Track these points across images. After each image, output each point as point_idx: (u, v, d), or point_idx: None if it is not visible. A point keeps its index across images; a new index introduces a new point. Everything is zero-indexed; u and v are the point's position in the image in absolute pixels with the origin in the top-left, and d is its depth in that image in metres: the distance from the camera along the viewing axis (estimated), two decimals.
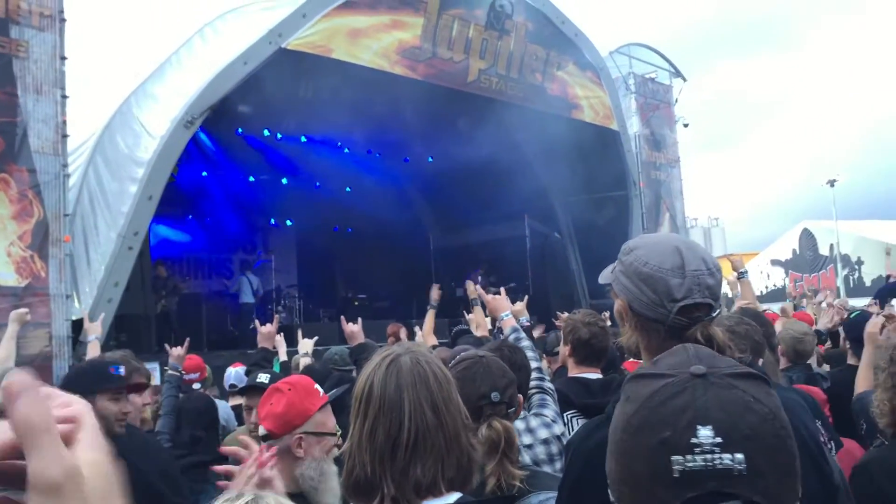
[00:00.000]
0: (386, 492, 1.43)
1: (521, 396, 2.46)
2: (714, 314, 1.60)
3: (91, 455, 0.74)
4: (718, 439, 0.85)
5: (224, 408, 5.03)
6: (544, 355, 5.11)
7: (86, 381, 3.02)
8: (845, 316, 5.79)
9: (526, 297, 5.53)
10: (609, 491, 0.97)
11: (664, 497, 0.86)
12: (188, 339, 5.41)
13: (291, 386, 2.39)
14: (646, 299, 1.60)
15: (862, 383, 3.85)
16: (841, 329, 5.53)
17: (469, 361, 2.22)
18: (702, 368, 0.92)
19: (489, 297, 4.22)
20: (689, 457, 0.85)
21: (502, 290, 4.39)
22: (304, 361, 5.25)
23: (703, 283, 1.58)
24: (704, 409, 0.88)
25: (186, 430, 4.17)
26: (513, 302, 5.31)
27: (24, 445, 0.71)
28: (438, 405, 1.48)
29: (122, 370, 3.09)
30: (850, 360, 4.71)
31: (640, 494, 0.88)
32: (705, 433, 0.86)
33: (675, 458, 0.85)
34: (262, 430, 2.37)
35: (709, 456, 0.85)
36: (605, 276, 1.81)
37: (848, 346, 4.99)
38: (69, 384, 3.08)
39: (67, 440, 0.74)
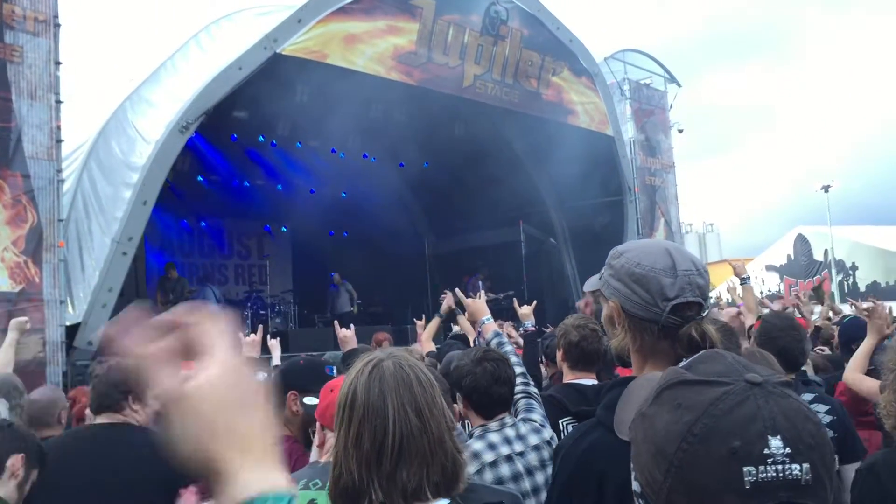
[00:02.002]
0: (374, 497, 1.43)
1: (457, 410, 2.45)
2: (705, 313, 1.63)
3: (217, 369, 0.80)
4: (788, 450, 0.85)
5: None
6: (544, 359, 5.11)
7: (302, 379, 3.12)
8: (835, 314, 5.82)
9: (534, 301, 5.55)
10: (640, 499, 0.96)
11: None
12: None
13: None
14: (639, 299, 1.62)
15: (853, 369, 3.86)
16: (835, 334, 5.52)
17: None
18: (758, 377, 0.91)
19: (468, 300, 4.14)
20: (761, 468, 0.84)
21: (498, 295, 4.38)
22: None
23: (694, 282, 1.61)
24: (772, 418, 0.87)
25: None
26: (510, 310, 5.32)
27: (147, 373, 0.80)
28: (422, 409, 1.48)
29: (334, 371, 3.17)
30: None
31: None
32: (776, 444, 0.85)
33: (747, 468, 0.84)
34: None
35: (780, 466, 0.85)
36: (591, 284, 1.85)
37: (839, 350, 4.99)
38: (285, 379, 3.18)
39: (191, 352, 0.81)
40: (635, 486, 0.97)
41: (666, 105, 19.96)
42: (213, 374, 0.79)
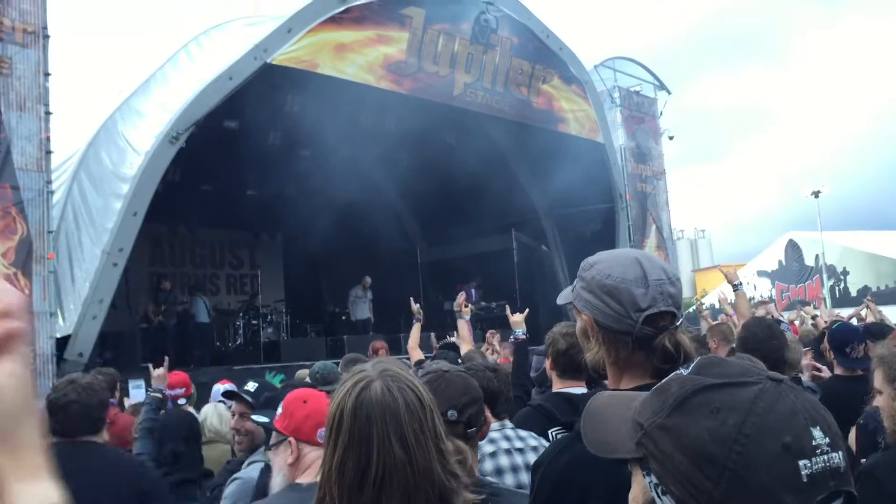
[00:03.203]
0: None
1: (490, 417, 2.42)
2: (678, 322, 1.61)
3: (6, 366, 0.75)
4: (828, 439, 0.86)
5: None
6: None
7: None
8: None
9: (527, 309, 5.53)
10: None
11: (793, 503, 0.84)
12: (167, 357, 5.34)
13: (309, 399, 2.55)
14: (611, 311, 1.61)
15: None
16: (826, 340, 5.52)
17: (430, 377, 2.17)
18: (776, 374, 0.92)
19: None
20: (813, 459, 0.85)
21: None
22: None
23: (666, 291, 1.60)
24: (807, 411, 0.88)
25: (168, 445, 4.13)
26: (503, 317, 5.31)
27: None
28: (408, 439, 1.44)
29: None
30: (837, 371, 4.70)
31: None
32: (819, 434, 0.86)
33: (802, 462, 0.84)
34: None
35: (826, 456, 0.85)
36: (563, 297, 1.81)
37: (832, 356, 4.97)
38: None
39: None
40: (667, 500, 0.92)
41: (656, 112, 20.03)
42: (3, 373, 0.74)
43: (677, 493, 0.90)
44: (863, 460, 2.86)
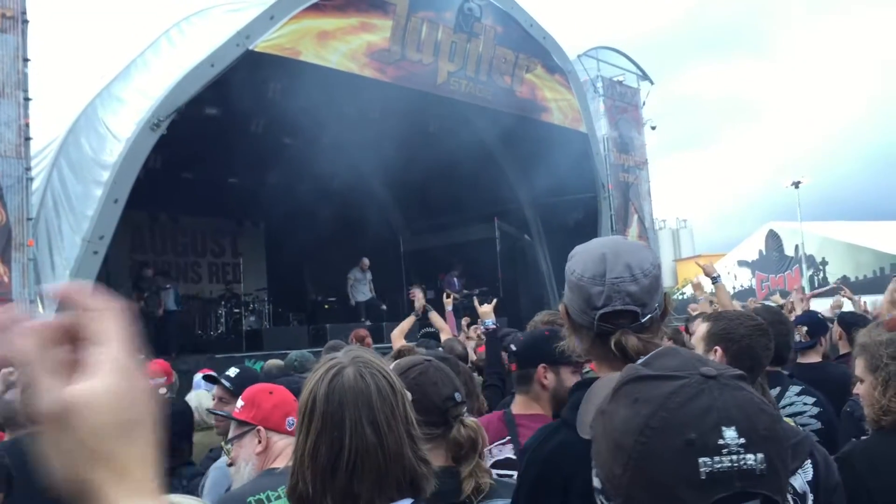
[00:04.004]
0: None
1: (483, 400, 2.49)
2: (643, 320, 1.60)
3: (103, 383, 0.68)
4: (742, 440, 0.87)
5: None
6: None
7: (552, 351, 2.97)
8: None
9: (494, 300, 5.56)
10: (601, 496, 0.96)
11: (690, 499, 0.86)
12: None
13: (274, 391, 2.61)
14: (575, 306, 1.66)
15: None
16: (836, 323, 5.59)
17: (421, 366, 2.21)
18: (712, 370, 0.93)
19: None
20: (717, 458, 0.86)
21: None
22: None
23: (623, 290, 1.59)
24: (726, 410, 0.88)
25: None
26: (483, 304, 5.35)
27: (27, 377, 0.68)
28: (380, 423, 1.46)
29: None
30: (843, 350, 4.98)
31: (661, 498, 0.88)
32: (731, 434, 0.87)
33: (702, 459, 0.86)
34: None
35: (735, 457, 0.86)
36: None
37: (839, 337, 5.16)
38: (531, 350, 3.03)
39: (77, 365, 0.69)
40: (596, 482, 0.97)
41: (639, 102, 20.09)
42: (100, 387, 0.67)
43: (600, 476, 0.95)
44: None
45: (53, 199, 10.55)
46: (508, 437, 2.85)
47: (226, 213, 18.67)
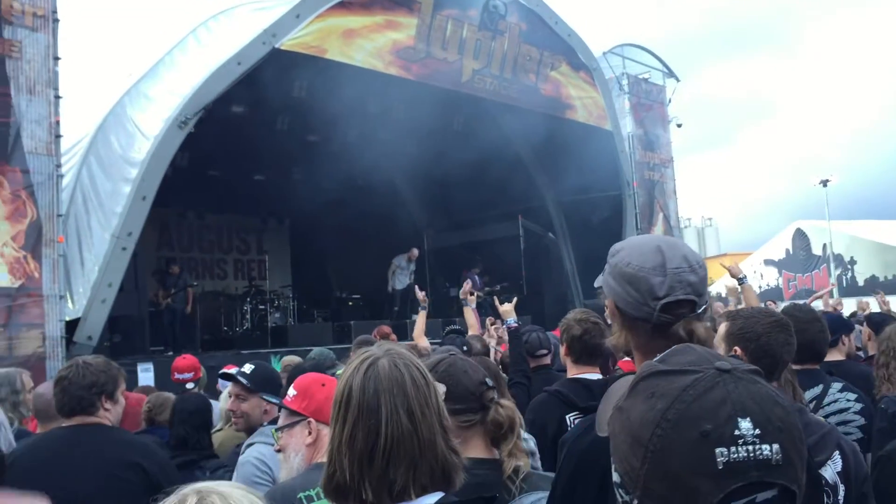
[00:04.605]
0: (364, 497, 1.45)
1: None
2: (700, 310, 1.63)
3: None
4: (757, 431, 0.89)
5: (217, 407, 5.04)
6: (528, 356, 5.15)
7: None
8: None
9: (515, 298, 5.56)
10: (620, 489, 0.98)
11: (707, 489, 0.87)
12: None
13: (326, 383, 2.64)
14: (630, 299, 1.64)
15: None
16: (865, 324, 5.58)
17: (448, 359, 2.27)
18: (726, 364, 0.95)
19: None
20: (733, 448, 0.87)
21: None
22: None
23: (685, 280, 1.62)
24: (741, 402, 0.90)
25: (179, 428, 4.19)
26: (504, 302, 5.36)
27: None
28: (414, 411, 1.49)
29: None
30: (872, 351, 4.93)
31: (679, 489, 0.89)
32: (746, 425, 0.88)
33: (719, 449, 0.87)
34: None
35: (751, 447, 0.88)
36: (599, 280, 1.85)
37: (868, 338, 5.18)
38: None
39: None
40: (615, 476, 0.99)
41: (664, 99, 19.96)
42: None
43: (619, 470, 0.97)
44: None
45: (83, 195, 10.69)
46: None
47: (251, 211, 18.82)
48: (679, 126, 20.13)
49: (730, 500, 0.87)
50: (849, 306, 13.69)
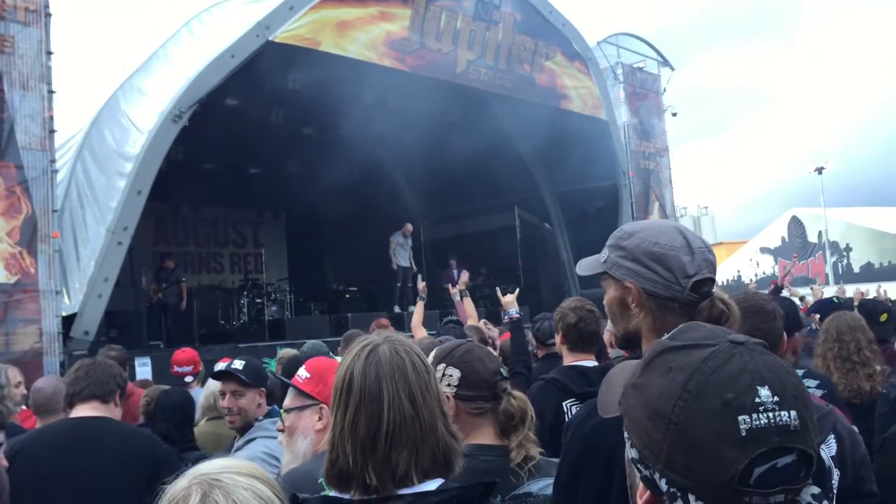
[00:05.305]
0: (368, 481, 1.45)
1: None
2: (714, 289, 1.67)
3: None
4: (776, 398, 0.91)
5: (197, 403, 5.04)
6: (535, 341, 5.18)
7: None
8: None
9: (517, 289, 5.57)
10: (639, 465, 0.99)
11: (732, 455, 0.89)
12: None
13: None
14: (659, 278, 1.64)
15: None
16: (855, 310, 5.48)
17: (466, 346, 2.29)
18: (739, 337, 0.98)
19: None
20: (754, 415, 0.90)
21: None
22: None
23: (708, 259, 1.65)
24: (758, 371, 0.93)
25: (161, 424, 4.23)
26: (505, 293, 5.37)
27: None
28: (415, 396, 1.50)
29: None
30: None
31: (703, 458, 0.91)
32: (765, 393, 0.91)
33: (742, 417, 0.90)
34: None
35: (771, 414, 0.90)
36: (589, 266, 1.81)
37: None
38: None
39: None
40: (632, 452, 1.00)
41: (659, 89, 19.95)
42: None
43: (638, 446, 0.98)
44: None
45: (78, 190, 10.66)
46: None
47: (247, 204, 18.80)
48: (674, 115, 20.12)
49: (752, 465, 0.89)
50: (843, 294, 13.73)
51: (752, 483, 0.89)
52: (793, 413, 0.91)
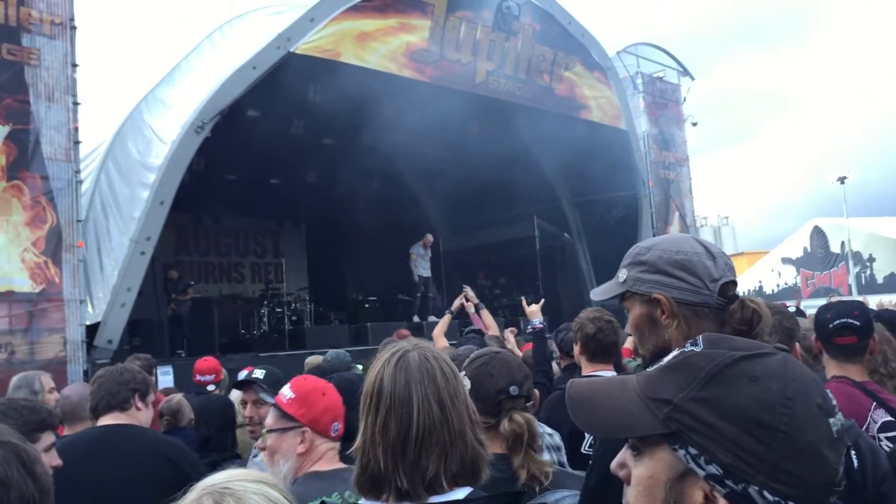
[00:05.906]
0: (399, 484, 1.47)
1: (537, 392, 2.51)
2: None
3: None
4: (833, 401, 0.95)
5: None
6: (558, 351, 5.18)
7: None
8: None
9: (542, 300, 5.59)
10: (727, 480, 0.92)
11: (833, 458, 0.91)
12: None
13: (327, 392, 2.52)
14: (687, 285, 1.62)
15: None
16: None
17: (486, 357, 2.28)
18: (780, 345, 1.03)
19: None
20: (837, 417, 0.93)
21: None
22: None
23: (729, 263, 1.67)
24: (814, 376, 0.96)
25: (203, 429, 4.22)
26: (531, 304, 5.39)
27: None
28: (445, 401, 1.51)
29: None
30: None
31: (811, 463, 0.91)
32: (830, 396, 0.95)
33: (832, 420, 0.92)
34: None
35: (840, 414, 0.94)
36: (607, 290, 1.77)
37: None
38: None
39: None
40: (712, 469, 0.93)
41: (679, 98, 19.89)
42: None
43: (726, 461, 0.92)
44: None
45: (101, 201, 10.78)
46: (874, 402, 2.85)
47: (268, 214, 18.90)
48: (694, 125, 20.07)
49: (840, 465, 0.92)
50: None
51: (838, 482, 0.91)
52: (840, 413, 0.95)
